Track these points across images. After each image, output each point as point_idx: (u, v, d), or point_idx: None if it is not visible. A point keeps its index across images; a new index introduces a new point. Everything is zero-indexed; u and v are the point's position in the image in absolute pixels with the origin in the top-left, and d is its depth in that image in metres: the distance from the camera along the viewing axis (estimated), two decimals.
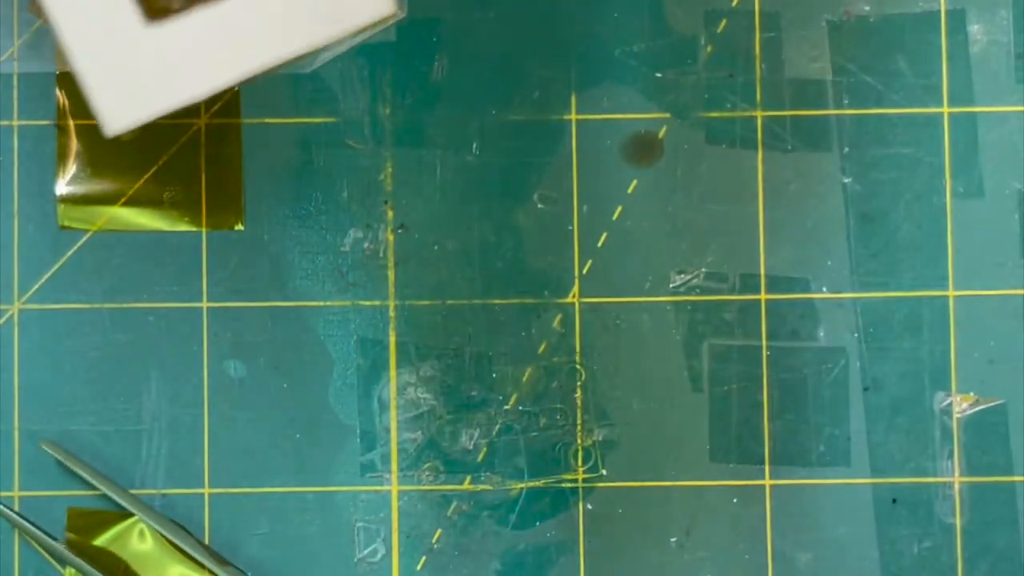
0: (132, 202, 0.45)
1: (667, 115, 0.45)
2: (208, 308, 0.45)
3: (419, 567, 0.45)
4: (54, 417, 0.45)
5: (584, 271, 0.45)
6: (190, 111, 0.45)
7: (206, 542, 0.45)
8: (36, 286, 0.45)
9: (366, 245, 0.45)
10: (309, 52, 0.28)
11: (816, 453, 0.45)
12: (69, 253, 0.45)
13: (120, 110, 0.27)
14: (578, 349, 0.45)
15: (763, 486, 0.45)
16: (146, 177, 0.45)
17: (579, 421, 0.45)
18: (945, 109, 0.45)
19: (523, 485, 0.45)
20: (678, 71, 0.45)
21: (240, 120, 0.45)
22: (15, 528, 0.45)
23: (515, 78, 0.45)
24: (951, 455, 0.44)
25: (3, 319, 0.45)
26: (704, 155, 0.45)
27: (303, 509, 0.45)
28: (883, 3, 0.45)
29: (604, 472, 0.45)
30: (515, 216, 0.45)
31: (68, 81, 0.45)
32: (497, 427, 0.45)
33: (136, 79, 0.27)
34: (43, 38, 0.45)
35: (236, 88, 0.31)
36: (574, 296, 0.45)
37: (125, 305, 0.45)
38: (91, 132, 0.45)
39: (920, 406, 0.45)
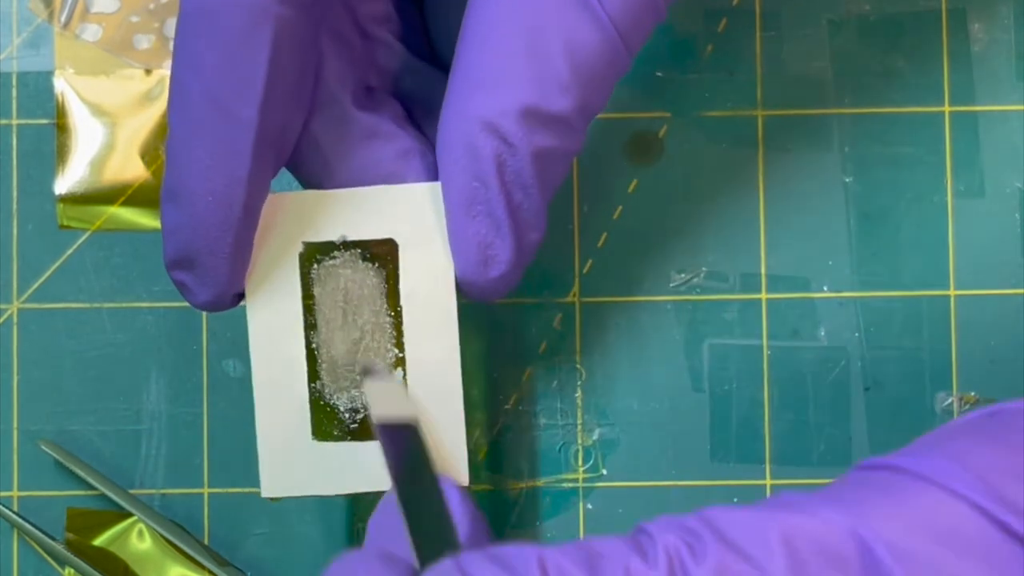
0: (131, 202, 0.45)
1: (667, 114, 0.45)
2: None
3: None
4: (53, 417, 0.45)
5: (584, 270, 0.45)
6: None
7: (205, 542, 0.45)
8: (35, 285, 0.45)
9: None
10: None
11: (816, 453, 0.45)
12: (68, 252, 0.45)
13: (278, 484, 0.38)
14: (578, 349, 0.45)
15: (763, 486, 0.45)
16: (145, 177, 0.45)
17: (579, 421, 0.45)
18: (946, 108, 0.45)
19: (523, 485, 0.45)
20: (678, 70, 0.45)
21: None
22: (14, 528, 0.45)
23: None
24: None
25: (2, 318, 0.45)
26: (704, 155, 0.45)
27: (303, 509, 0.45)
28: (883, 2, 0.45)
29: (604, 472, 0.45)
30: None
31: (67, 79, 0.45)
32: (497, 427, 0.45)
33: (299, 469, 0.38)
34: (42, 37, 0.45)
35: None
36: (574, 295, 0.45)
37: (124, 305, 0.45)
38: (90, 131, 0.45)
39: (921, 406, 0.45)
